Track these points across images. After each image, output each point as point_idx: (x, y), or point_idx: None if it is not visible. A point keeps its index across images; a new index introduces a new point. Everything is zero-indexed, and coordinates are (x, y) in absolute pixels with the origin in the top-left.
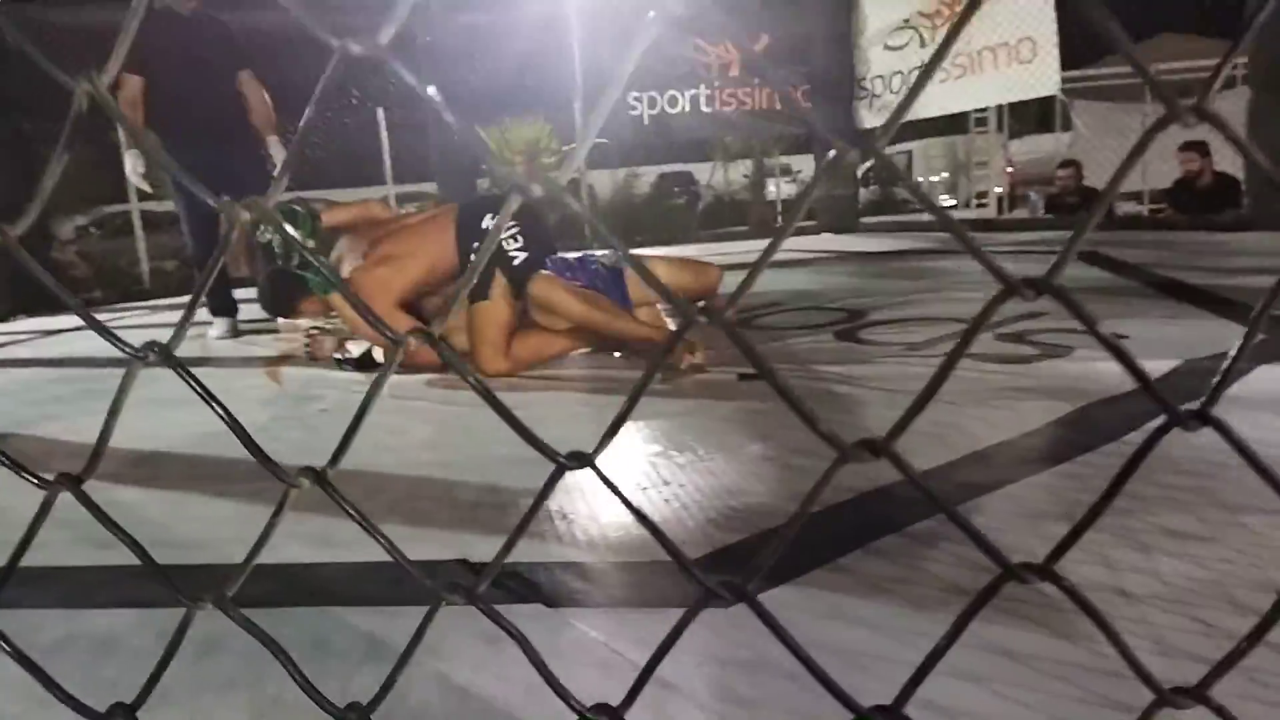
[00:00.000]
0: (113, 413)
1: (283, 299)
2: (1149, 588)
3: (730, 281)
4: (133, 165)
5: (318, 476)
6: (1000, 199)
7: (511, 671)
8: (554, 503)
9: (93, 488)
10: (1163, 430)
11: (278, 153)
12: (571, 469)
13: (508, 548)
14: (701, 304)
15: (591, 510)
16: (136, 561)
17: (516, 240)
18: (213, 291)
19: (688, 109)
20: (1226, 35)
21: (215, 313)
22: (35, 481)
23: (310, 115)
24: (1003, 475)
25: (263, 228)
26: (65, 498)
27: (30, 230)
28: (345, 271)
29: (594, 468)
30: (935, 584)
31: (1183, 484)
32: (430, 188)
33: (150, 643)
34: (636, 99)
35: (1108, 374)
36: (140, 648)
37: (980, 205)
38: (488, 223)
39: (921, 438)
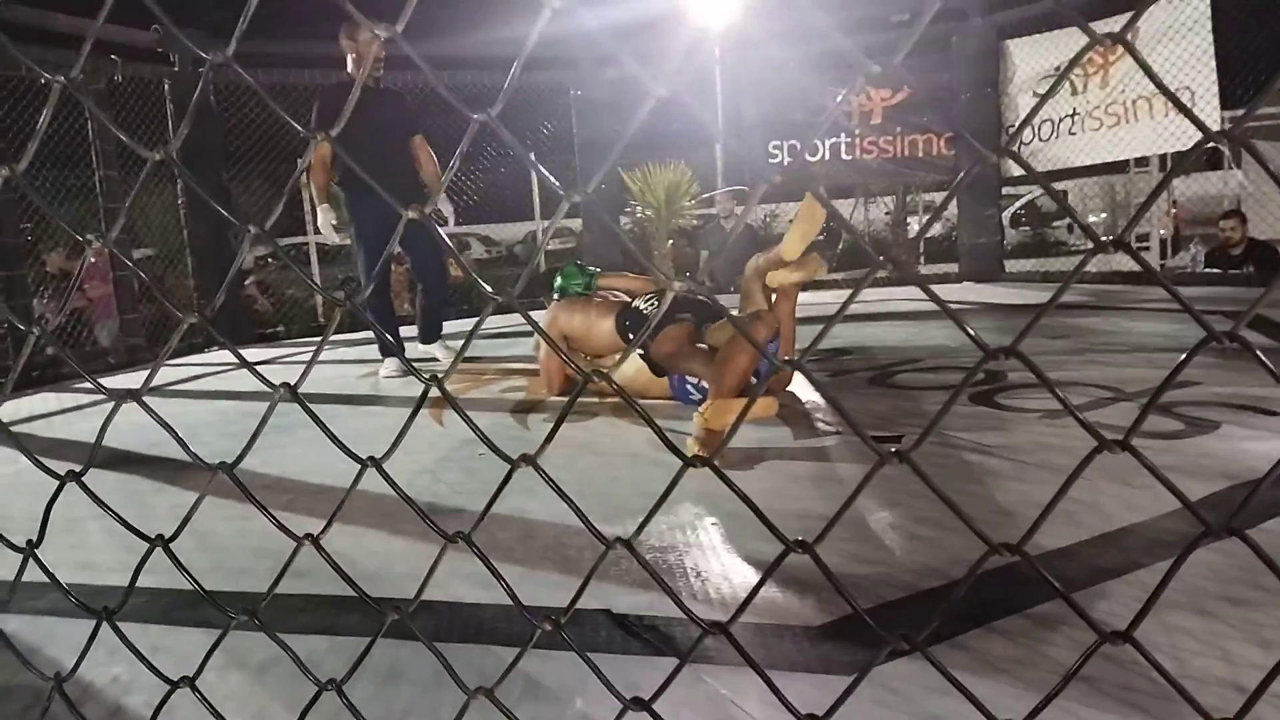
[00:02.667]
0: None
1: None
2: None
3: (866, 334)
4: (325, 218)
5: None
6: (1164, 242)
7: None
8: (689, 560)
9: (286, 520)
10: None
11: (445, 206)
12: (796, 551)
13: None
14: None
15: (725, 569)
16: (327, 591)
17: (651, 303)
18: (379, 331)
19: (828, 156)
20: None
21: (384, 352)
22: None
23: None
24: (1132, 559)
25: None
26: (261, 527)
27: (227, 263)
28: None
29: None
30: (1053, 668)
31: None
32: (575, 224)
33: (341, 667)
34: (776, 147)
35: (1254, 454)
36: (333, 670)
37: (1141, 247)
38: (641, 303)
39: (1053, 514)
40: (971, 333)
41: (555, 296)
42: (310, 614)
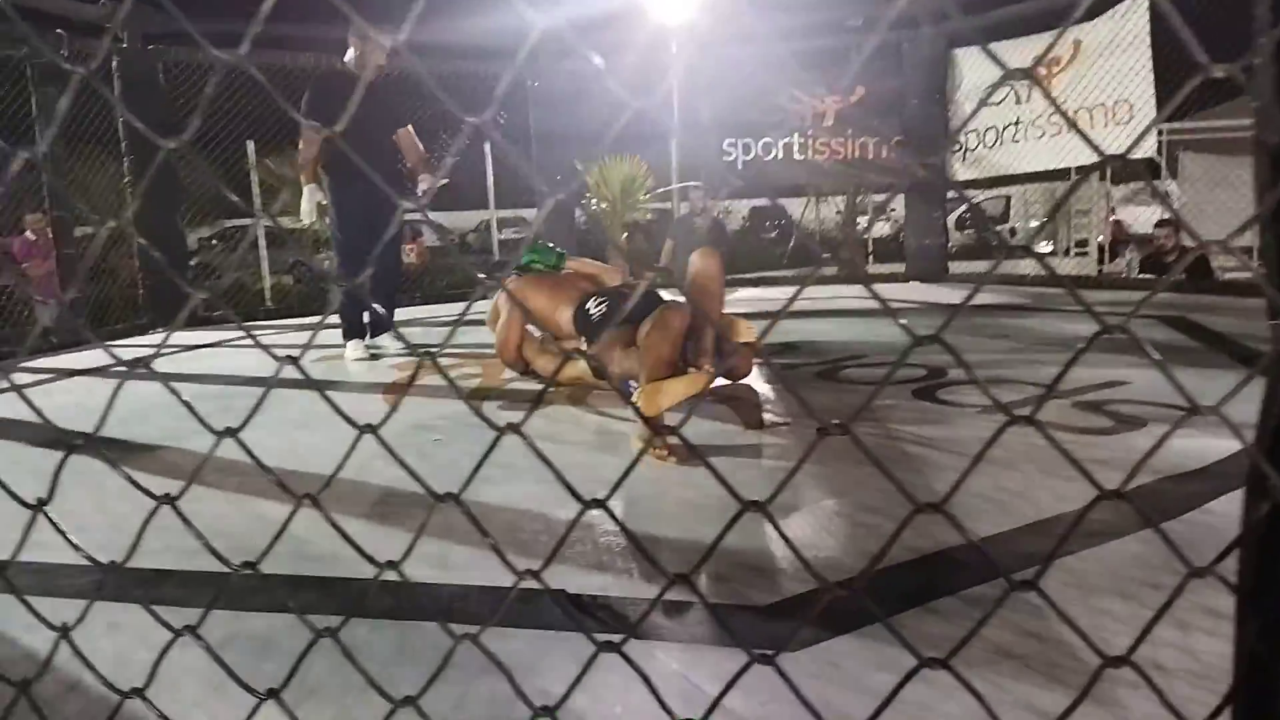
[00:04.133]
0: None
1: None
2: (1182, 663)
3: (810, 329)
4: (310, 199)
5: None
6: (1102, 248)
7: (605, 693)
8: (652, 546)
9: (239, 500)
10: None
11: (425, 183)
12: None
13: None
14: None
15: (676, 548)
16: (285, 572)
17: (600, 306)
18: (345, 316)
19: (780, 155)
20: None
21: (347, 335)
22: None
23: None
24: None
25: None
26: (214, 509)
27: (175, 243)
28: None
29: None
30: (986, 646)
31: (1231, 565)
32: (529, 213)
33: (302, 644)
34: (731, 144)
35: (1178, 451)
36: (294, 649)
37: (1080, 253)
38: (591, 305)
39: (986, 503)
40: (904, 323)
41: (515, 272)
42: (268, 594)
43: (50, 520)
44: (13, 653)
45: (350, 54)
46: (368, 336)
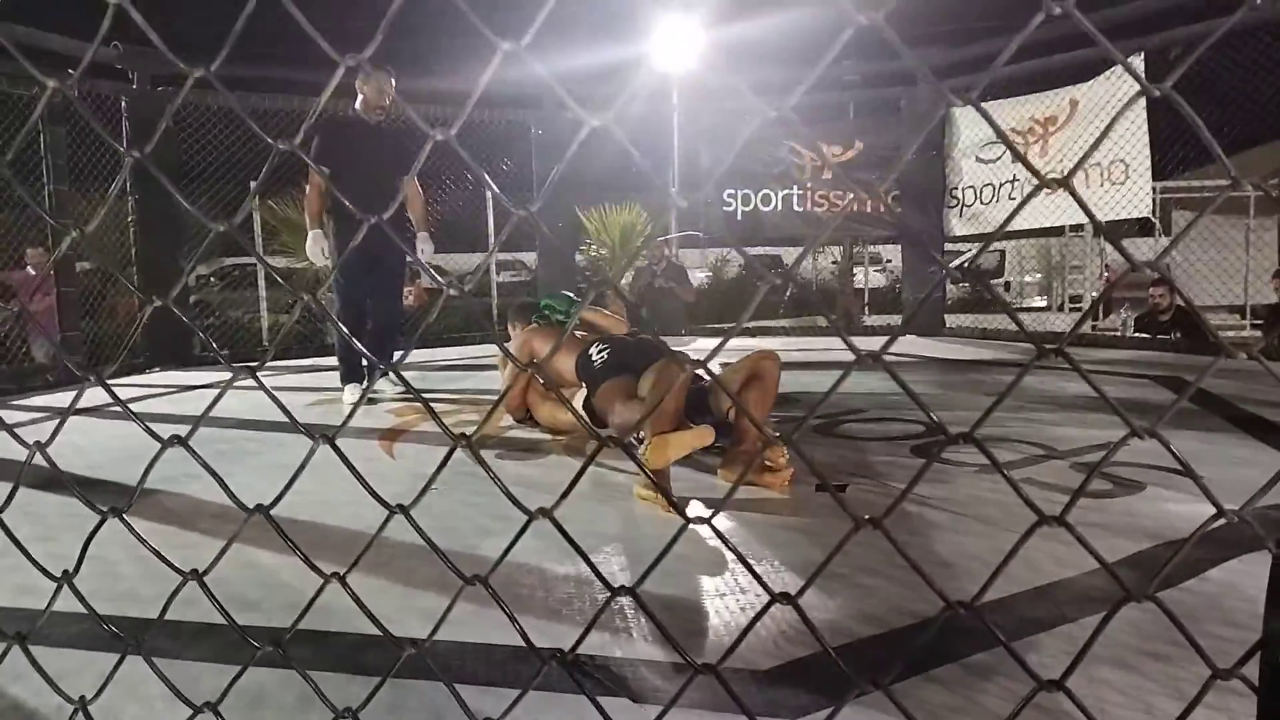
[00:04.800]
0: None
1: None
2: None
3: (807, 381)
4: (316, 243)
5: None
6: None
7: None
8: (650, 603)
9: (234, 550)
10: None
11: (426, 246)
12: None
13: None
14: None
15: (676, 613)
16: (279, 624)
17: (603, 354)
18: (344, 360)
19: (780, 207)
20: None
21: (345, 380)
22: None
23: None
24: (1061, 613)
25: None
26: (207, 558)
27: (176, 282)
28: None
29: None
30: (988, 717)
31: (1233, 636)
32: (529, 257)
33: (293, 700)
34: (731, 195)
35: (1176, 515)
36: (286, 703)
37: (1075, 309)
38: (593, 352)
39: (984, 566)
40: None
41: (536, 320)
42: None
43: (76, 593)
44: None
45: (359, 100)
46: (365, 381)
